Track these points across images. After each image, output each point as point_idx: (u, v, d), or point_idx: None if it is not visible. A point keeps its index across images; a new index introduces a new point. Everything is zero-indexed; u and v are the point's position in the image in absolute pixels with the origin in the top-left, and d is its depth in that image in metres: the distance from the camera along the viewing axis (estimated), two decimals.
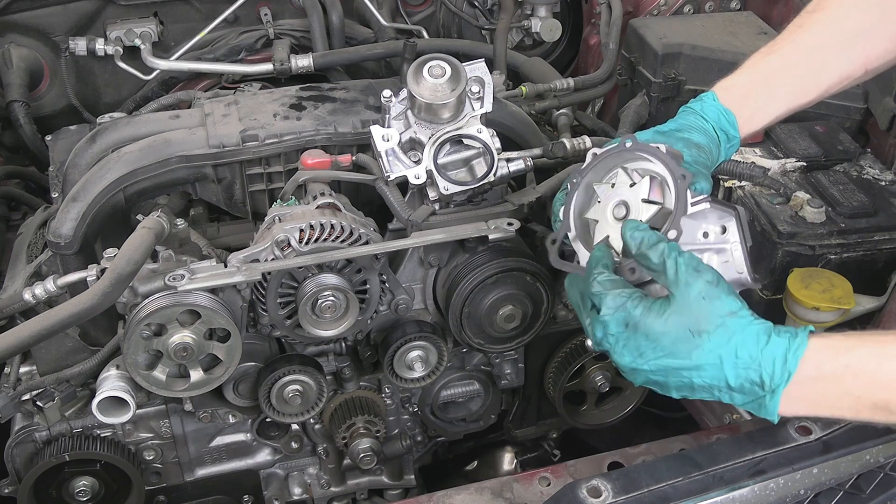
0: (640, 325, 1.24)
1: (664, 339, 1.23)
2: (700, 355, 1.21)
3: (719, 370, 1.21)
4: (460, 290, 1.69)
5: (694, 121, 1.49)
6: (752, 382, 1.20)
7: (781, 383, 1.19)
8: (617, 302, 1.26)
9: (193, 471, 1.90)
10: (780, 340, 1.20)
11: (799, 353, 1.18)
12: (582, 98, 2.34)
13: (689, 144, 1.44)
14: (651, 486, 1.32)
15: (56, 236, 1.71)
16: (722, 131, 1.49)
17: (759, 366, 1.19)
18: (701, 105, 1.51)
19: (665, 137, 1.45)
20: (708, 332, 1.21)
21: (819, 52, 1.51)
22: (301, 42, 2.59)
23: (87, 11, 2.57)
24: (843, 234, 1.79)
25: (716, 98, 1.51)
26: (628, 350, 1.26)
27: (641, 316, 1.24)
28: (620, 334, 1.26)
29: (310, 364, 1.75)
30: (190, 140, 1.81)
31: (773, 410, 1.21)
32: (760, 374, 1.19)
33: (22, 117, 2.43)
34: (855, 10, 1.51)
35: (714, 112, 1.49)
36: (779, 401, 1.20)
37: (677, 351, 1.22)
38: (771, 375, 1.19)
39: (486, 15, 2.80)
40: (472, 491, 1.52)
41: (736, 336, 1.20)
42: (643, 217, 1.34)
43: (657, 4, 2.74)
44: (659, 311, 1.23)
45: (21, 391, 1.71)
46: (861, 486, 1.40)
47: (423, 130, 1.65)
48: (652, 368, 1.25)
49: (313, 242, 1.61)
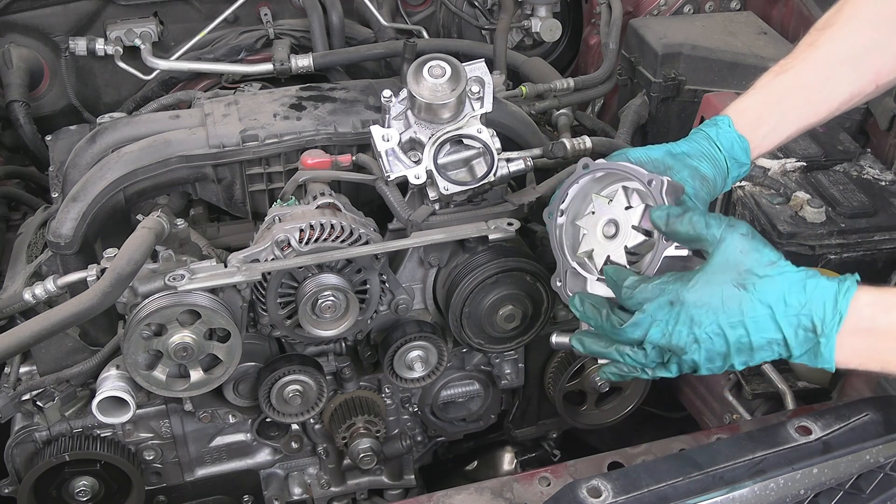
0: (686, 298, 1.24)
1: (713, 300, 1.23)
2: (751, 308, 1.22)
3: (772, 320, 1.21)
4: (460, 290, 1.69)
5: (707, 147, 1.46)
6: (805, 329, 1.21)
7: (834, 326, 1.19)
8: (655, 290, 1.26)
9: (193, 471, 1.90)
10: (828, 283, 1.20)
11: (849, 296, 1.18)
12: (582, 98, 2.34)
13: (694, 175, 1.42)
14: (651, 486, 1.32)
15: (56, 236, 1.71)
16: (734, 160, 1.46)
17: (810, 310, 1.20)
18: (717, 131, 1.47)
19: (675, 161, 1.43)
20: (753, 284, 1.22)
21: (831, 70, 1.49)
22: (301, 42, 2.59)
23: (87, 11, 2.57)
24: (843, 234, 1.79)
25: (731, 124, 1.47)
26: (683, 325, 1.25)
27: (683, 289, 1.24)
28: (670, 315, 1.25)
29: (310, 364, 1.75)
30: (190, 140, 1.81)
31: (830, 357, 1.21)
32: (812, 318, 1.20)
33: (22, 117, 2.44)
34: (866, 26, 1.49)
35: (728, 140, 1.46)
36: (833, 347, 1.20)
37: (729, 308, 1.23)
38: (822, 319, 1.19)
39: (486, 15, 2.80)
40: (472, 491, 1.52)
41: (782, 283, 1.21)
42: (629, 244, 1.37)
43: (657, 4, 2.74)
44: (700, 278, 1.24)
45: (21, 391, 1.71)
46: (861, 486, 1.40)
47: (423, 130, 1.65)
48: (710, 334, 1.24)
49: (313, 242, 1.61)
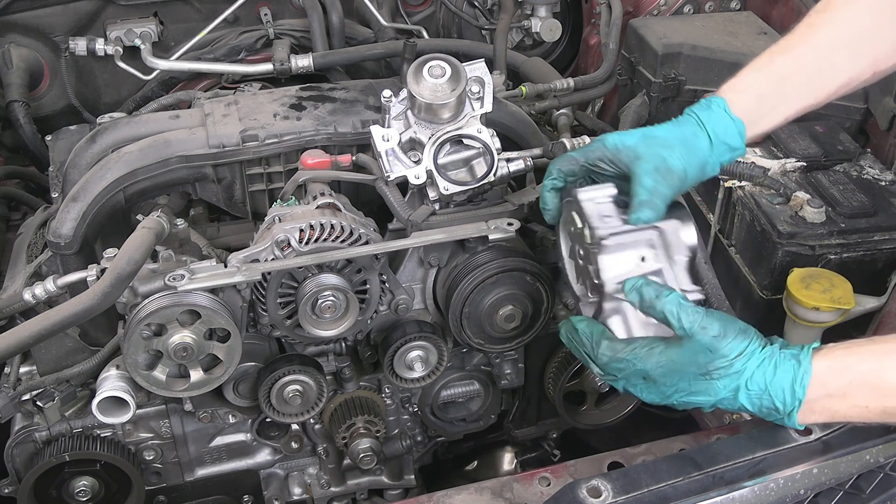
0: (657, 378, 1.33)
1: (681, 384, 1.33)
2: (716, 391, 1.31)
3: (736, 401, 1.31)
4: (460, 290, 1.69)
5: (689, 133, 1.44)
6: (768, 408, 1.30)
7: (794, 408, 1.29)
8: (628, 364, 1.34)
9: (193, 471, 1.90)
10: (785, 370, 1.28)
11: (805, 382, 1.27)
12: (582, 98, 2.34)
13: (659, 167, 1.40)
14: (651, 486, 1.32)
15: (56, 236, 1.71)
16: (725, 144, 1.44)
17: (771, 396, 1.29)
18: (708, 115, 1.45)
19: (647, 148, 1.42)
20: (718, 375, 1.30)
21: (831, 54, 1.49)
22: (301, 42, 2.59)
23: (87, 11, 2.57)
24: (843, 234, 1.79)
25: (726, 107, 1.45)
26: (654, 394, 1.36)
27: (655, 370, 1.33)
28: (643, 384, 1.36)
29: (310, 364, 1.75)
30: (190, 140, 1.81)
31: (794, 423, 1.31)
32: (773, 402, 1.29)
33: (22, 117, 2.43)
34: (867, 11, 1.49)
35: (722, 124, 1.44)
36: (796, 419, 1.30)
37: (697, 390, 1.32)
38: (783, 402, 1.29)
39: (486, 15, 2.80)
40: (472, 491, 1.52)
41: (744, 373, 1.29)
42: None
43: (657, 4, 2.74)
44: (668, 365, 1.32)
45: (21, 391, 1.71)
46: (861, 486, 1.40)
47: (423, 130, 1.65)
48: (682, 401, 1.35)
49: (313, 242, 1.61)
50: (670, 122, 1.49)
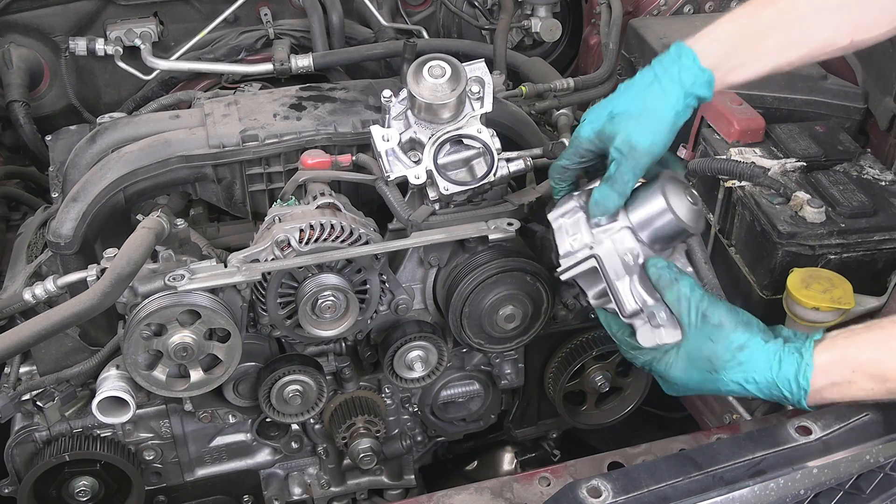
0: (669, 378, 1.45)
1: (691, 381, 1.42)
2: (725, 385, 1.39)
3: (745, 391, 1.38)
4: (460, 290, 1.69)
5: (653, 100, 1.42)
6: (777, 396, 1.37)
7: (801, 396, 1.35)
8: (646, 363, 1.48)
9: (193, 471, 1.90)
10: (789, 363, 1.35)
11: (808, 374, 1.34)
12: (582, 98, 2.34)
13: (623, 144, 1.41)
14: (651, 486, 1.32)
15: (56, 236, 1.71)
16: (693, 94, 1.42)
17: (778, 387, 1.36)
18: (678, 70, 1.41)
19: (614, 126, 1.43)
20: (723, 368, 1.38)
21: (813, 15, 1.46)
22: (301, 42, 2.59)
23: (87, 11, 2.57)
24: (843, 234, 1.79)
25: (696, 59, 1.41)
26: (671, 388, 1.49)
27: (667, 371, 1.44)
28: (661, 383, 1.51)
29: (310, 364, 1.75)
30: (190, 140, 1.81)
31: (805, 408, 1.38)
32: (781, 392, 1.36)
33: (22, 117, 2.43)
34: None
35: (691, 76, 1.41)
36: (805, 404, 1.36)
37: (707, 384, 1.41)
38: (790, 391, 1.35)
39: (486, 15, 2.80)
40: (472, 491, 1.52)
41: (748, 366, 1.36)
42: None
43: (657, 4, 2.74)
44: (676, 363, 1.42)
45: (21, 391, 1.71)
46: (861, 486, 1.40)
47: (423, 130, 1.65)
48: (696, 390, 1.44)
49: (313, 242, 1.61)
50: (639, 76, 1.46)
